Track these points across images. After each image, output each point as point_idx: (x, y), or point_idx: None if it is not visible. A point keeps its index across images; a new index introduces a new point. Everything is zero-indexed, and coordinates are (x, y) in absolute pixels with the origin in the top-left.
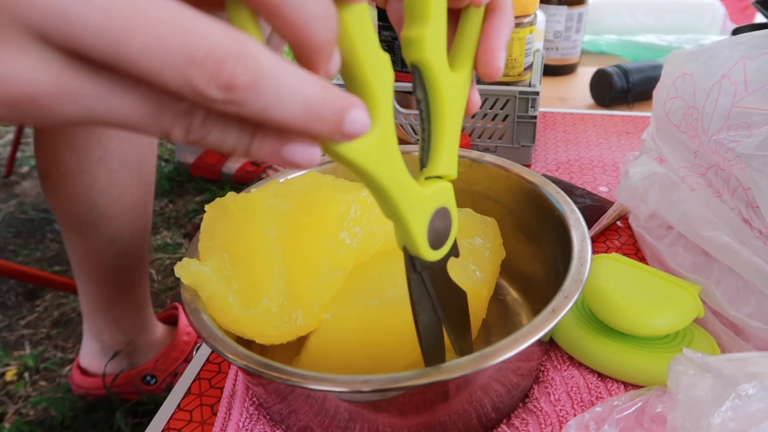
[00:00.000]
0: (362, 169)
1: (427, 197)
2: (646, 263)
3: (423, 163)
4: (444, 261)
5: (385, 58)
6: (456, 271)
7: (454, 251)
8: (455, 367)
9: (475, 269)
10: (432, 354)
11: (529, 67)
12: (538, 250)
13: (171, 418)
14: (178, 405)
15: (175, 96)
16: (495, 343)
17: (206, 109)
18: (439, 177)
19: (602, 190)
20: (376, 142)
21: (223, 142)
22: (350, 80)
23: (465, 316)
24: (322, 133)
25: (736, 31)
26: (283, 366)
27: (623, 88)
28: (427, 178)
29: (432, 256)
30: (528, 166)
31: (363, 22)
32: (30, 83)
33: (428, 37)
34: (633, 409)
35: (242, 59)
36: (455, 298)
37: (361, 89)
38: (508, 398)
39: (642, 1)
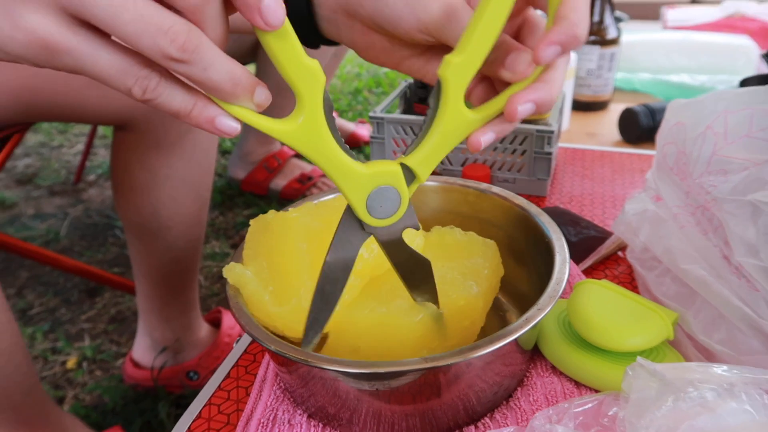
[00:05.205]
0: (290, 146)
1: (365, 175)
2: (638, 291)
3: (405, 151)
4: (396, 229)
5: (312, 65)
6: (457, 286)
7: (410, 224)
8: (437, 358)
9: (473, 284)
10: (320, 300)
11: None
12: (533, 272)
13: (212, 396)
14: (219, 386)
15: (142, 62)
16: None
17: (160, 75)
18: (410, 170)
19: (609, 224)
20: (301, 128)
21: (171, 104)
22: (288, 82)
23: (426, 281)
24: (241, 96)
25: (744, 82)
26: (305, 350)
27: (649, 126)
28: (401, 163)
29: (371, 221)
30: (543, 197)
31: (285, 42)
32: (48, 34)
33: (454, 63)
34: (590, 405)
35: (191, 34)
36: (413, 264)
37: (293, 89)
38: (492, 395)
39: (677, 42)
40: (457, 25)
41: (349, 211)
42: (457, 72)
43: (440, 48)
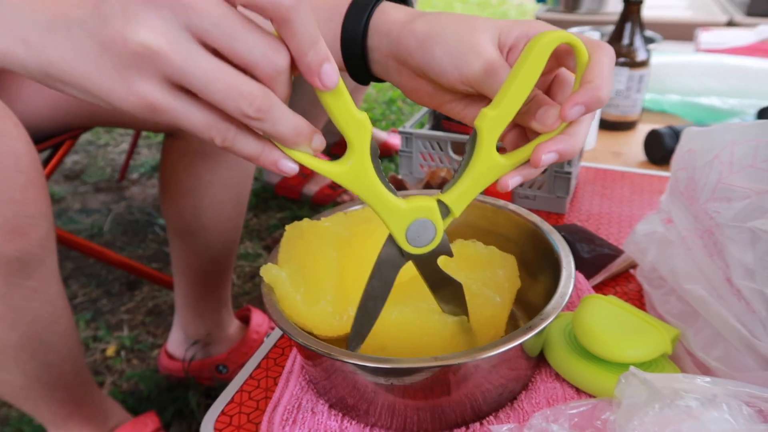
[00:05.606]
0: (341, 184)
1: (403, 209)
2: (645, 308)
3: (443, 189)
4: (432, 256)
5: (361, 118)
6: (483, 297)
7: (444, 251)
8: (446, 358)
9: (496, 296)
10: (362, 316)
11: None
12: (542, 285)
13: (244, 383)
14: (250, 375)
15: (223, 117)
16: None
17: (236, 128)
18: (446, 205)
19: (623, 243)
20: (350, 170)
21: (244, 150)
22: (340, 131)
23: (458, 302)
24: (302, 144)
25: (762, 112)
26: (329, 345)
27: (673, 148)
28: (435, 199)
29: (410, 249)
30: (562, 215)
31: (339, 99)
32: (154, 99)
33: (489, 116)
34: (584, 408)
35: (266, 98)
36: (447, 286)
37: (345, 136)
38: (497, 396)
39: (708, 65)
40: (496, 80)
41: (390, 239)
42: (491, 124)
43: (479, 96)
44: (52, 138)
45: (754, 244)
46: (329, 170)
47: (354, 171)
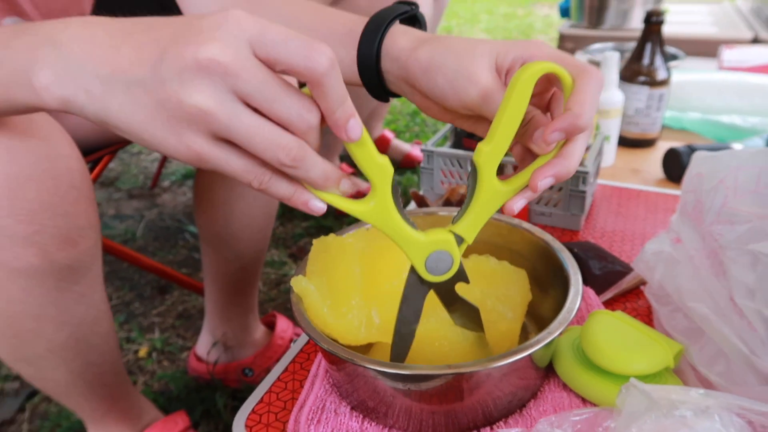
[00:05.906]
0: (364, 221)
1: (423, 242)
2: (653, 324)
3: (453, 221)
4: (450, 283)
5: (383, 161)
6: (497, 313)
7: (461, 278)
8: (459, 366)
9: (509, 311)
10: (399, 340)
11: (587, 148)
12: (552, 300)
13: (272, 385)
14: (278, 377)
15: (260, 164)
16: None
17: (271, 173)
18: (459, 236)
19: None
20: (373, 208)
21: (278, 192)
22: (364, 174)
23: (475, 323)
24: (331, 187)
25: None
26: (352, 351)
27: None
28: (449, 231)
29: (429, 277)
30: (576, 231)
31: (362, 148)
32: (201, 150)
33: (485, 151)
34: (587, 416)
35: (300, 148)
36: (464, 310)
37: (368, 179)
38: (506, 403)
39: (729, 82)
40: (493, 105)
41: (412, 269)
42: (488, 158)
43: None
44: (96, 151)
45: (755, 266)
46: (354, 209)
47: (376, 210)
